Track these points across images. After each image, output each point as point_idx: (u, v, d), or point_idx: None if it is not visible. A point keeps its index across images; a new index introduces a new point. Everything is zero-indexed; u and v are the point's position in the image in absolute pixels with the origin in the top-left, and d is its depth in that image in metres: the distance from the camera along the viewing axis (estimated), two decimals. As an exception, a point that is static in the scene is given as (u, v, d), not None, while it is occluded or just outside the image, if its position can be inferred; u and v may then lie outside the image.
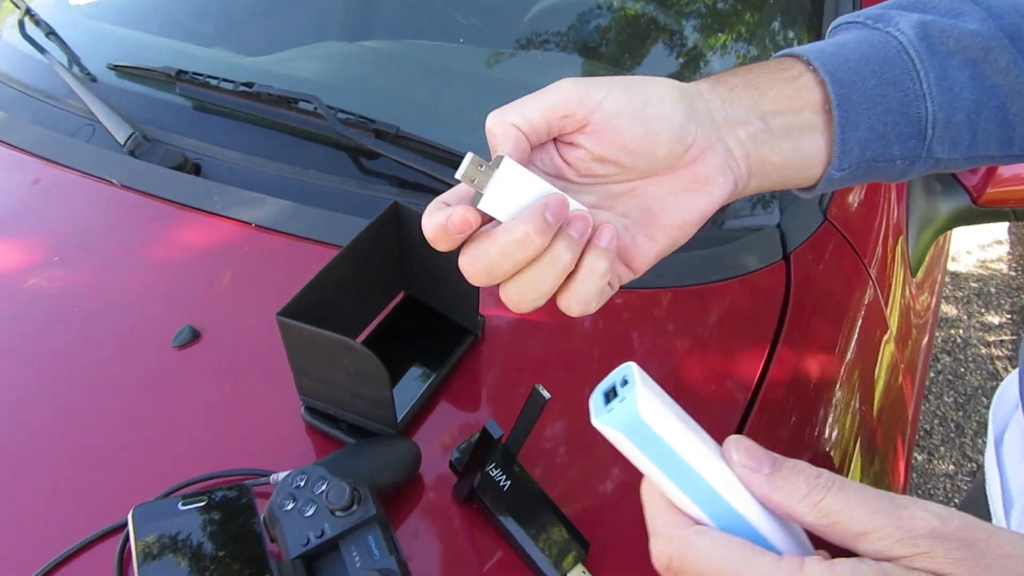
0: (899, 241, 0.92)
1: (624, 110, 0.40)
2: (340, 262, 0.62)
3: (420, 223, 0.62)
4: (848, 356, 0.77)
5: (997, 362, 2.55)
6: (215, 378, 0.70)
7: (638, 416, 0.29)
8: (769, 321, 0.76)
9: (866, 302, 0.82)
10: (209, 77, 1.01)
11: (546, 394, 0.52)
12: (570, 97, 0.39)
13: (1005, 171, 0.95)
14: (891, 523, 0.27)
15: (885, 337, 0.83)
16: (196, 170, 0.95)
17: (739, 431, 0.66)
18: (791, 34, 1.03)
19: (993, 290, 2.92)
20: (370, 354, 0.55)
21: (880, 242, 0.88)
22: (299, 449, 0.65)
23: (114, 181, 0.91)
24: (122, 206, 0.89)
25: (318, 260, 0.69)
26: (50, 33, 1.18)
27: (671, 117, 0.40)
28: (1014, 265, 2.98)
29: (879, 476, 0.80)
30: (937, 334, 2.60)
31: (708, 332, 0.76)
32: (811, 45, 0.46)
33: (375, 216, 0.68)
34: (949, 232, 1.07)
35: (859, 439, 0.77)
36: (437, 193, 0.90)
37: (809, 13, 1.04)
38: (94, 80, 1.12)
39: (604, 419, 0.30)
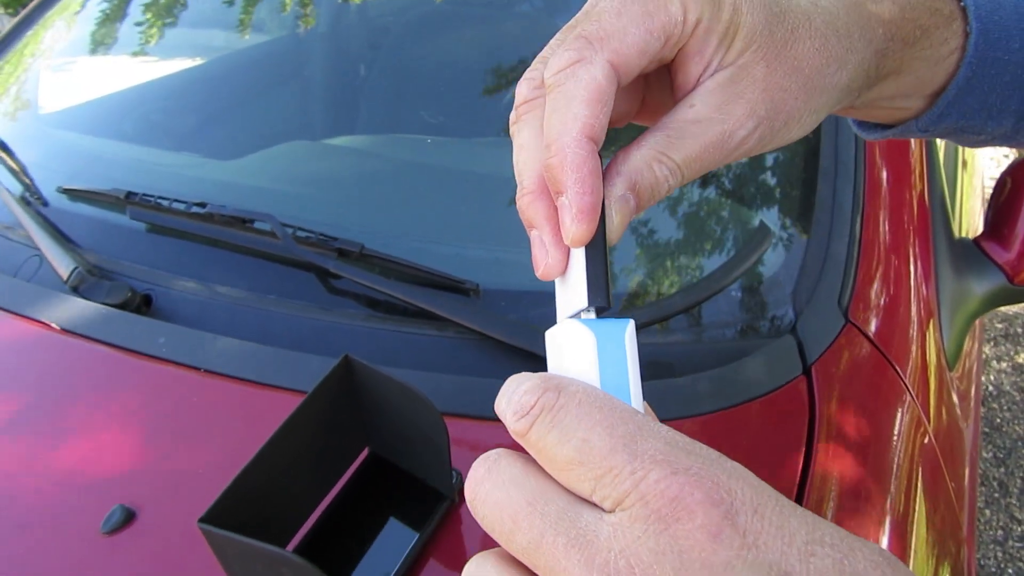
0: (931, 333, 0.81)
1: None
2: (282, 439, 0.53)
3: (375, 376, 0.52)
4: (890, 487, 0.66)
5: (1035, 409, 2.41)
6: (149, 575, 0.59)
7: (624, 332, 0.28)
8: (795, 451, 0.65)
9: (904, 416, 0.71)
10: (160, 198, 0.93)
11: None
12: None
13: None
14: None
15: (930, 455, 0.72)
16: (147, 302, 0.86)
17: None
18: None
19: (1020, 330, 2.78)
20: (310, 568, 0.45)
21: (911, 341, 0.77)
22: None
23: (54, 325, 0.82)
24: (60, 354, 0.80)
25: (275, 410, 0.59)
26: (4, 152, 1.12)
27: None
28: (1039, 302, 2.86)
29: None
30: (967, 382, 2.46)
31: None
32: None
33: (329, 367, 0.59)
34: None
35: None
36: (408, 313, 0.82)
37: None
38: (46, 204, 1.05)
39: (583, 321, 0.28)
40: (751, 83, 0.30)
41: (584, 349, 0.27)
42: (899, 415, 0.72)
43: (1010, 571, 1.87)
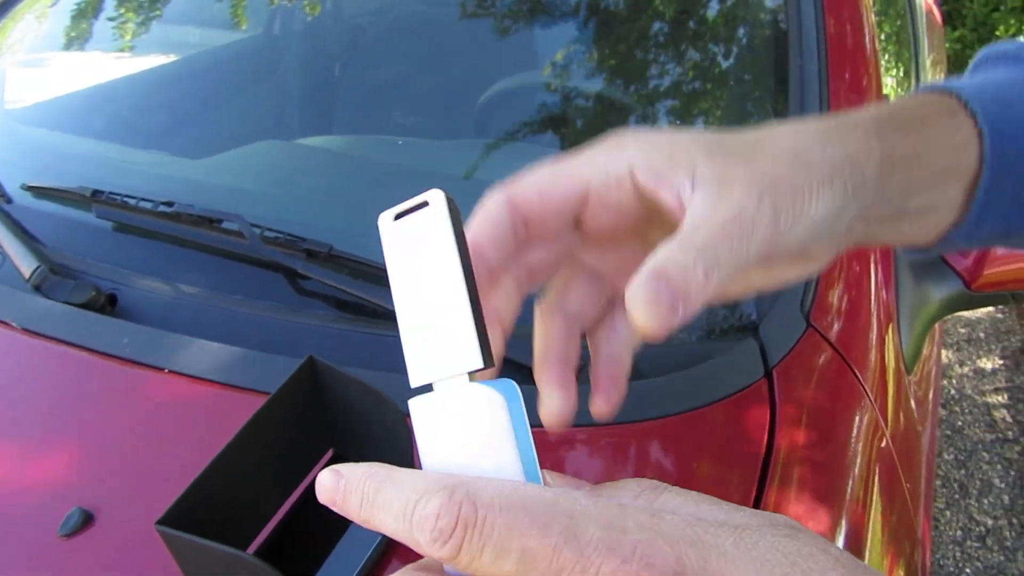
0: (890, 337, 0.83)
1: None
2: (244, 440, 0.53)
3: (339, 377, 0.52)
4: (847, 489, 0.68)
5: (995, 412, 2.47)
6: (108, 577, 0.59)
7: (518, 394, 0.24)
8: (755, 452, 0.66)
9: (862, 419, 0.73)
10: (127, 197, 0.92)
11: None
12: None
13: (1000, 249, 0.88)
14: None
15: (887, 458, 0.74)
16: (112, 301, 0.85)
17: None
18: (755, 119, 0.97)
19: (982, 335, 2.85)
20: (269, 569, 0.45)
21: (871, 346, 0.79)
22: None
23: (14, 324, 0.81)
24: (20, 353, 0.78)
25: (240, 411, 0.59)
26: (-38, 150, 1.10)
27: (825, 245, 0.33)
28: (1001, 307, 2.92)
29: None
30: (930, 385, 2.51)
31: (685, 471, 0.67)
32: (971, 84, 0.37)
33: (294, 368, 0.59)
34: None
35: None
36: (376, 315, 0.82)
37: (774, 93, 0.98)
38: (9, 202, 1.03)
39: (485, 382, 0.24)
40: (738, 175, 0.30)
41: (494, 416, 0.24)
42: (857, 418, 0.73)
43: (968, 571, 1.91)
